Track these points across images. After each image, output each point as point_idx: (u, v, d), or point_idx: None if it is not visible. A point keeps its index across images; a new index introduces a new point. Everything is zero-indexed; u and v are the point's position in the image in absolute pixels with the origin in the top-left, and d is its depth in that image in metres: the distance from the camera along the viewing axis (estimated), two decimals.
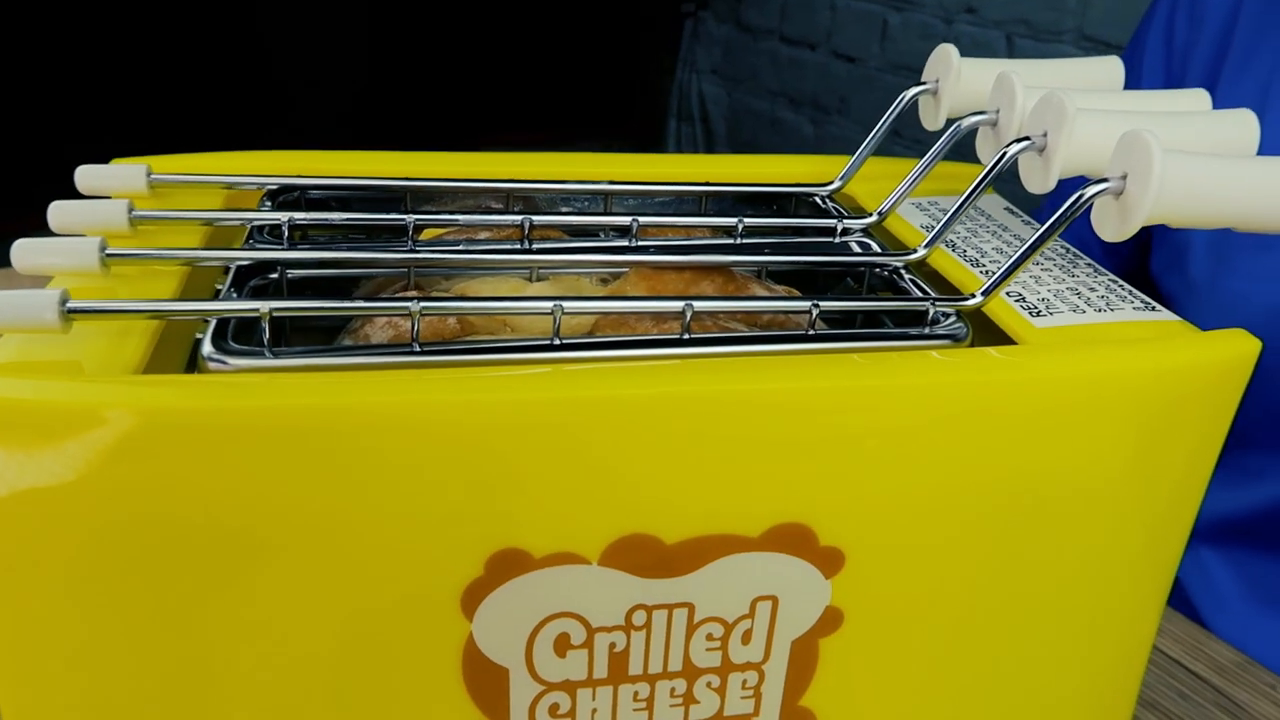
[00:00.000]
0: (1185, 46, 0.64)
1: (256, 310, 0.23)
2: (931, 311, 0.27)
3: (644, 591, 0.24)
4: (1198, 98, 0.32)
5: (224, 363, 0.23)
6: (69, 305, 0.22)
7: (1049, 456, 0.25)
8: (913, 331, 0.26)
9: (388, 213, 0.33)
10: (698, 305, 0.25)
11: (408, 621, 0.23)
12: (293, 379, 0.22)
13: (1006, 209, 0.35)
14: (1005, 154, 0.29)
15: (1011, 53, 1.47)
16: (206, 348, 0.23)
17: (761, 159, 0.38)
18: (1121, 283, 0.30)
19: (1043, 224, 0.34)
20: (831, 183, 0.35)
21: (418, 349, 0.24)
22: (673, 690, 0.26)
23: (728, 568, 0.24)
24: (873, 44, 1.64)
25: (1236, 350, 0.26)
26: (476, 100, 1.91)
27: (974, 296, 0.27)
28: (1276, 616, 0.57)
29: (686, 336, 0.25)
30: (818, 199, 0.35)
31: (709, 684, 0.26)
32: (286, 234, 0.29)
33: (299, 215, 0.29)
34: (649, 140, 1.99)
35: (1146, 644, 0.31)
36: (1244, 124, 0.29)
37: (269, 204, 0.32)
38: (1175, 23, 0.64)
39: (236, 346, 0.23)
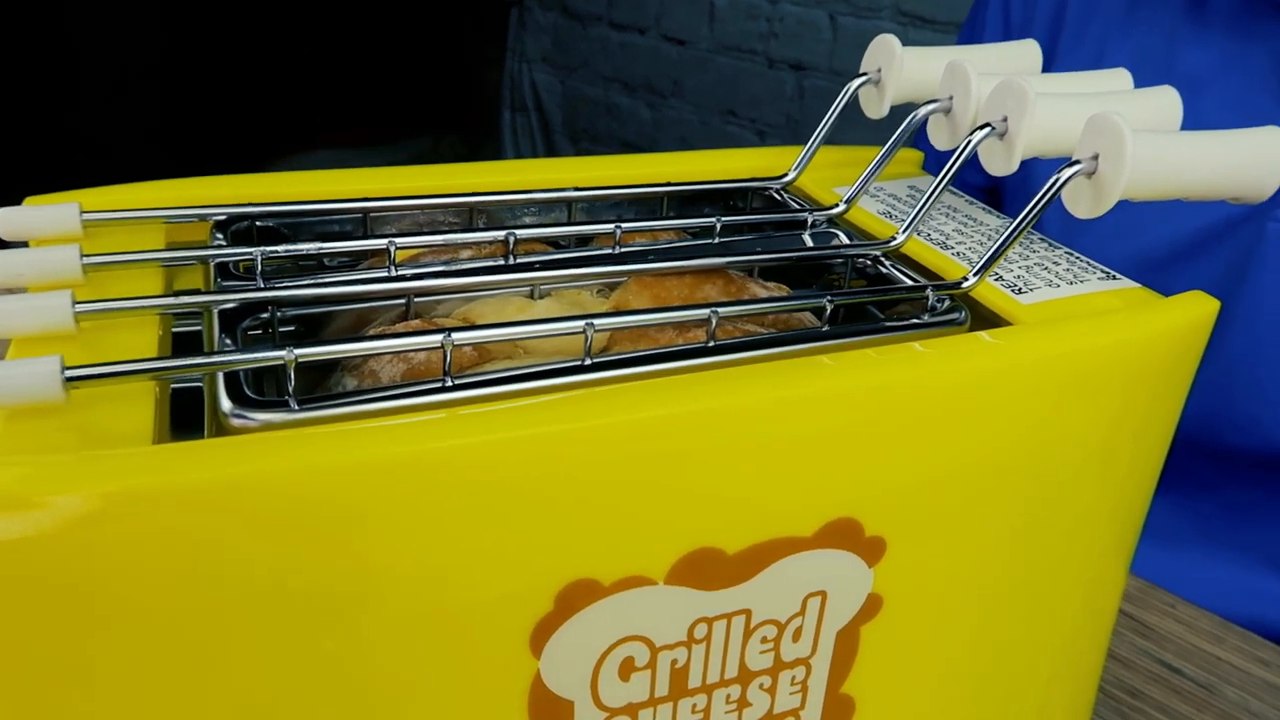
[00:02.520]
0: (1022, 22, 0.69)
1: (280, 359, 0.21)
2: (931, 297, 0.28)
3: (706, 604, 0.24)
4: (1120, 77, 0.34)
5: (249, 419, 0.21)
6: (67, 372, 0.20)
7: (1057, 425, 0.27)
8: (918, 320, 0.27)
9: (350, 236, 0.31)
10: (722, 311, 0.25)
11: (475, 669, 0.22)
12: (345, 432, 0.20)
13: (949, 191, 0.37)
14: (971, 141, 0.30)
15: (835, 31, 1.53)
16: (226, 404, 0.21)
17: (702, 155, 0.38)
18: (1076, 254, 0.32)
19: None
20: (785, 175, 0.35)
21: (450, 383, 0.23)
22: (728, 697, 0.26)
23: (784, 569, 0.24)
24: (701, 26, 1.67)
25: (1201, 310, 0.28)
26: (295, 102, 1.82)
27: (967, 280, 0.28)
28: (1145, 545, 0.63)
29: (712, 344, 0.25)
30: (773, 193, 0.35)
31: (761, 685, 0.26)
32: (260, 269, 0.27)
33: (271, 249, 0.27)
34: (483, 133, 1.96)
35: (1118, 596, 0.33)
36: (1168, 101, 0.32)
37: (220, 236, 0.29)
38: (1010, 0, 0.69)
39: (259, 399, 0.21)
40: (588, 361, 0.24)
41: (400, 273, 0.28)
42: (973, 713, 0.31)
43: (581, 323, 0.24)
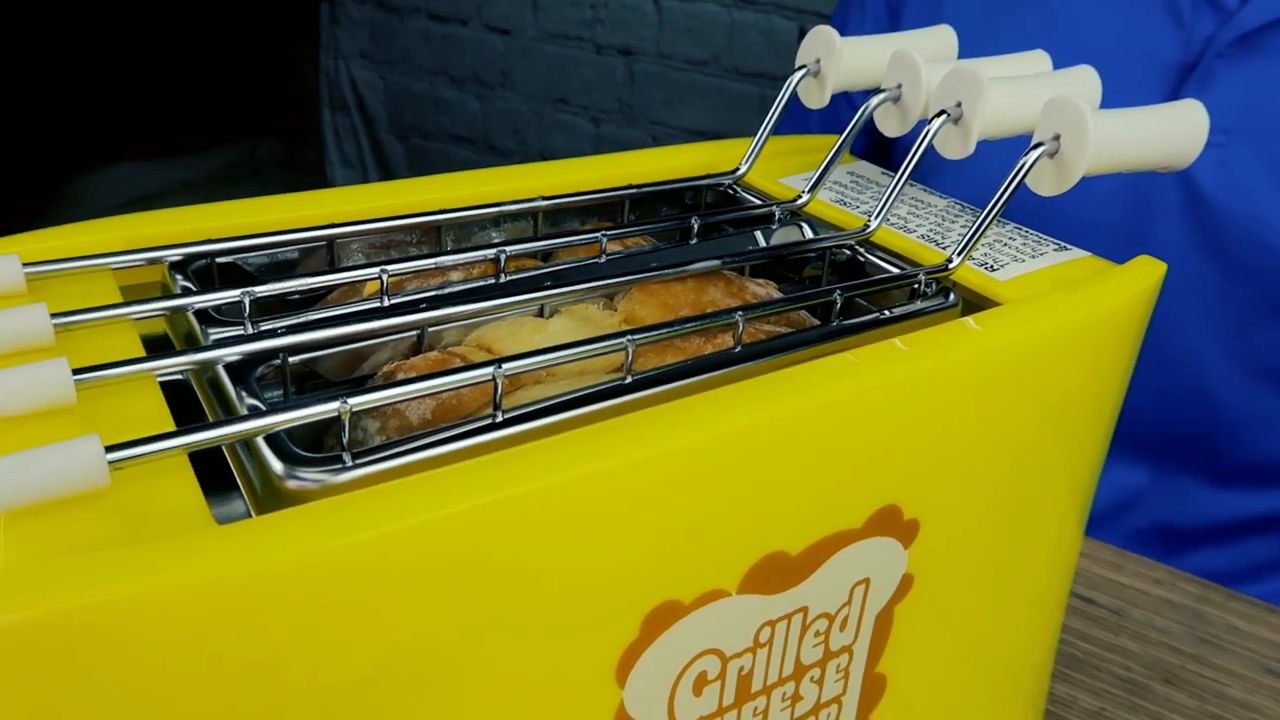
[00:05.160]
0: None
1: (335, 412, 0.20)
2: (923, 281, 0.29)
3: (771, 608, 0.24)
4: (1039, 59, 0.36)
5: (305, 480, 0.19)
6: (110, 455, 0.18)
7: (1049, 393, 0.28)
8: (918, 306, 0.28)
9: (300, 264, 0.29)
10: (747, 315, 0.25)
11: (564, 707, 0.21)
12: (429, 484, 0.19)
13: (883, 173, 0.38)
14: (931, 130, 0.31)
15: (660, 14, 1.55)
16: (277, 466, 0.19)
17: (645, 155, 0.38)
18: (1024, 227, 0.34)
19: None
20: (738, 169, 0.36)
21: (501, 418, 0.22)
22: (784, 695, 0.26)
23: (838, 562, 0.25)
24: (525, 14, 1.65)
25: (1154, 274, 0.30)
26: (90, 112, 1.68)
27: (952, 262, 0.29)
28: None
29: (739, 350, 0.25)
30: (726, 188, 0.36)
31: (812, 678, 0.26)
32: (248, 312, 0.25)
33: (259, 289, 0.25)
34: (303, 135, 1.87)
35: (1079, 548, 0.35)
36: (1089, 78, 0.34)
37: (180, 277, 0.27)
38: None
39: (310, 456, 0.20)
40: (629, 380, 0.23)
41: (404, 300, 0.26)
42: (972, 671, 0.32)
43: (624, 339, 0.23)
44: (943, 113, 0.31)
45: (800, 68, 0.36)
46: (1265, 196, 0.51)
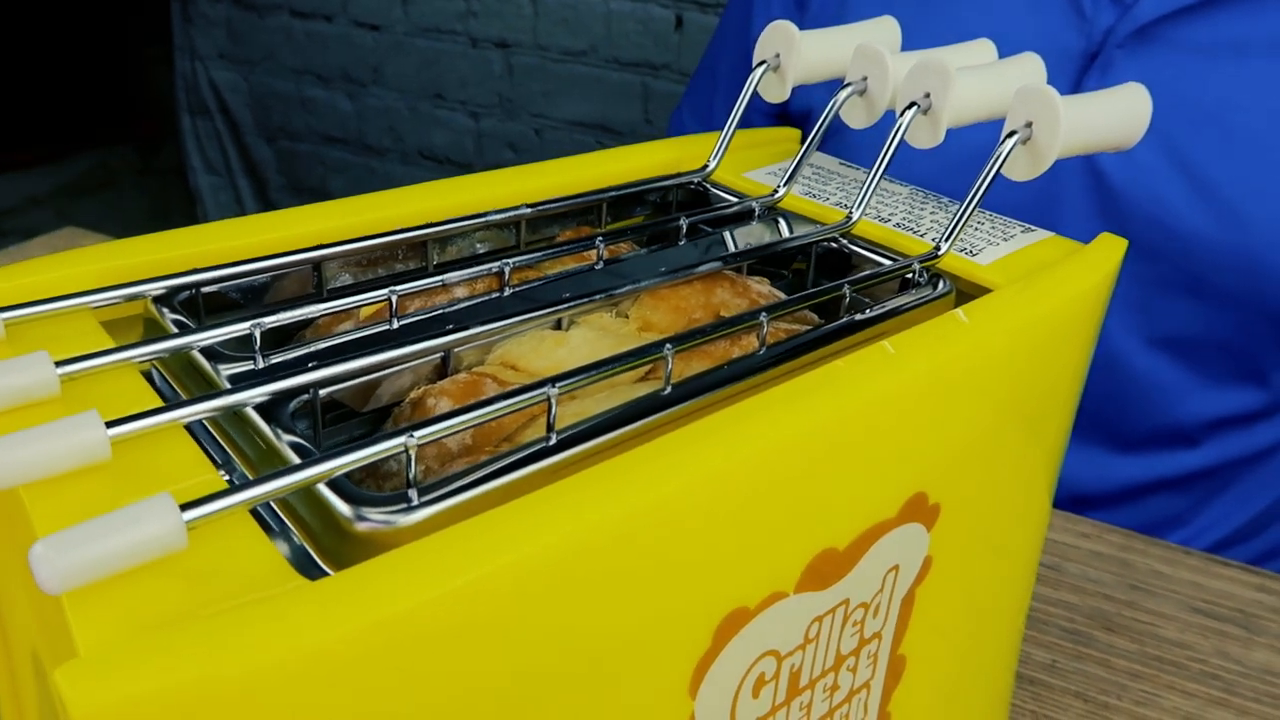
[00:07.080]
0: None
1: (402, 448, 0.19)
2: (917, 270, 0.30)
3: (820, 603, 0.24)
4: (985, 48, 0.37)
5: (375, 521, 0.19)
6: (186, 514, 0.16)
7: (1042, 371, 0.30)
8: (920, 296, 0.29)
9: (308, 288, 0.28)
10: (771, 316, 0.25)
11: None
12: (510, 520, 0.18)
13: (842, 164, 0.39)
14: (904, 123, 0.32)
15: (536, 5, 1.53)
16: (344, 508, 0.18)
17: (611, 154, 0.37)
18: (987, 211, 0.35)
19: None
20: (706, 166, 0.36)
21: (554, 441, 0.21)
22: (825, 686, 0.26)
23: (876, 552, 0.25)
24: (394, 9, 1.61)
25: (1118, 251, 0.32)
26: None
27: (940, 249, 0.30)
28: None
29: (764, 351, 0.25)
30: (697, 186, 0.36)
31: (848, 666, 0.27)
32: (258, 345, 0.23)
33: (267, 320, 0.23)
34: (158, 140, 1.76)
35: (1048, 517, 0.37)
36: (1038, 66, 0.36)
37: (166, 311, 0.25)
38: None
39: (375, 496, 0.19)
40: (668, 391, 0.23)
41: (422, 319, 0.25)
42: (971, 640, 0.34)
43: (665, 349, 0.23)
44: (913, 104, 0.32)
45: (760, 63, 0.37)
46: (1162, 180, 0.54)
